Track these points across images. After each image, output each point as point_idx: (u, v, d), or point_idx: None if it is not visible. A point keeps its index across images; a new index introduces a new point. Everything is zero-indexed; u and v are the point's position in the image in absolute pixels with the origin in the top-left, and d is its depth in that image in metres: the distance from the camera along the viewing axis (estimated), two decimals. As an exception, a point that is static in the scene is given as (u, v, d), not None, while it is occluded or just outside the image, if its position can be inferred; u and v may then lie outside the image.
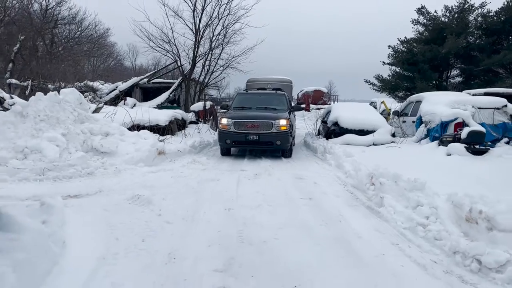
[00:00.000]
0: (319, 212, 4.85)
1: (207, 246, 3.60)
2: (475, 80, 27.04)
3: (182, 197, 5.38)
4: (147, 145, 8.18)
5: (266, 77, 17.19)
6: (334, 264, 3.30)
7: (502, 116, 10.09)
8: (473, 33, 27.66)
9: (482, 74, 27.12)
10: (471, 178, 6.13)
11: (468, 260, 3.40)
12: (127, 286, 2.77)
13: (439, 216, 4.36)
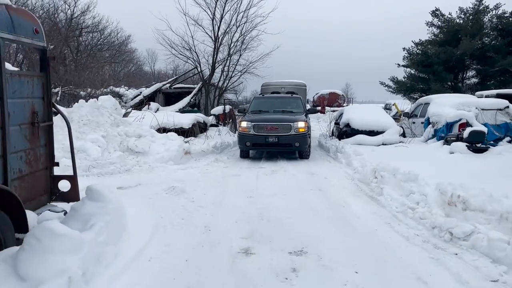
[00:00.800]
0: (326, 200, 5.79)
1: (234, 222, 4.59)
2: (491, 81, 27.37)
3: (210, 188, 6.40)
4: (175, 146, 9.26)
5: (280, 81, 17.63)
6: (334, 234, 4.25)
7: (505, 116, 10.80)
8: (488, 34, 28.00)
9: (498, 75, 27.44)
10: (465, 172, 6.95)
11: (443, 233, 4.30)
12: (177, 245, 3.78)
13: (427, 201, 5.25)
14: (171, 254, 3.55)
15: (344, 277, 3.16)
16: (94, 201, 3.40)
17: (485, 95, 18.99)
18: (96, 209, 3.29)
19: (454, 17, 28.01)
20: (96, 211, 3.27)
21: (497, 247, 3.61)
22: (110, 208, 3.40)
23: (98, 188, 3.57)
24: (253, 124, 9.91)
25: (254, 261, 3.46)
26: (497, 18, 27.52)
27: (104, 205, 3.39)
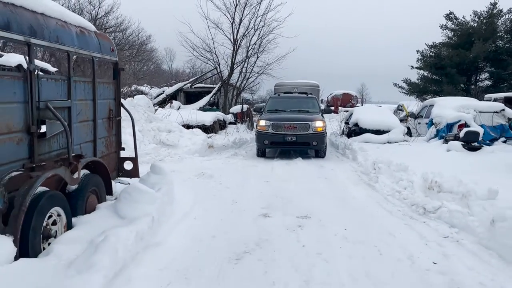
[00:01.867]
0: (330, 185, 7.08)
1: (254, 197, 5.93)
2: (504, 83, 28.10)
3: (233, 174, 7.75)
4: (200, 140, 10.67)
5: (293, 81, 18.12)
6: (333, 208, 5.54)
7: (500, 118, 11.89)
8: (502, 38, 28.71)
9: (511, 78, 28.16)
10: (455, 166, 8.14)
11: (419, 208, 5.55)
12: (213, 211, 5.13)
13: (413, 187, 6.50)
14: (209, 215, 4.90)
15: (335, 231, 4.47)
16: (156, 174, 4.79)
17: (493, 98, 19.99)
18: (158, 180, 4.66)
19: (468, 20, 28.78)
20: (159, 181, 4.65)
21: (454, 216, 4.86)
22: (167, 180, 4.78)
23: (159, 165, 4.99)
24: (271, 123, 10.26)
25: (271, 221, 4.79)
26: (511, 22, 28.22)
27: (163, 177, 4.77)
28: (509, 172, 7.75)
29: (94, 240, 2.97)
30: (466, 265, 3.60)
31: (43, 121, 3.54)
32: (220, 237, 4.11)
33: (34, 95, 3.39)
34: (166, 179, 4.76)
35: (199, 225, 4.47)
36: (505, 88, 27.76)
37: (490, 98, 20.07)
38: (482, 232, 4.25)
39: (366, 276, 3.31)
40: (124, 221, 3.69)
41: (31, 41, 3.32)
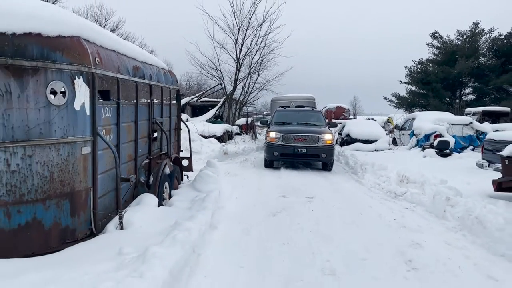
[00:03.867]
0: (327, 181, 9.54)
1: (273, 187, 8.35)
2: (486, 98, 31.09)
3: (250, 174, 10.17)
4: (217, 148, 13.09)
5: (290, 95, 19.06)
6: (330, 194, 7.99)
7: (469, 130, 14.54)
8: (484, 55, 31.81)
9: (493, 92, 31.17)
10: (425, 167, 10.65)
11: (391, 193, 8.03)
12: (247, 194, 7.53)
13: (389, 180, 8.98)
14: (245, 196, 7.31)
15: (332, 204, 6.91)
16: (211, 167, 7.21)
17: (472, 112, 22.82)
18: (210, 172, 7.07)
19: (453, 38, 31.90)
20: (209, 174, 7.05)
21: (414, 197, 7.33)
22: (217, 171, 7.21)
23: (213, 161, 7.41)
24: (282, 134, 10.78)
25: (288, 199, 7.22)
26: (492, 41, 31.35)
27: (215, 170, 7.19)
28: (468, 172, 10.32)
29: (198, 196, 5.40)
30: (414, 220, 6.05)
31: (154, 130, 5.97)
32: (258, 206, 6.54)
33: (152, 115, 5.83)
34: (217, 172, 7.19)
35: (241, 200, 6.88)
36: (487, 102, 30.76)
37: (470, 112, 22.89)
38: (428, 203, 6.73)
39: (353, 223, 5.75)
40: (201, 193, 6.09)
41: (151, 83, 5.76)
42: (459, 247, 4.65)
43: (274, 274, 3.68)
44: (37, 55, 3.36)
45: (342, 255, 4.25)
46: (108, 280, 2.66)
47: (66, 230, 3.70)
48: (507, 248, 4.31)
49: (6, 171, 3.30)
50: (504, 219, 4.70)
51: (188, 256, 3.64)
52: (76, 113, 3.72)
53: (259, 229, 5.16)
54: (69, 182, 3.69)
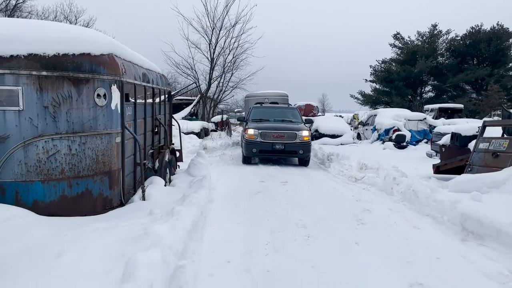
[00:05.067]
0: (298, 169, 11.10)
1: (252, 174, 9.81)
2: (444, 95, 33.71)
3: (230, 165, 11.59)
4: (197, 143, 14.41)
5: (263, 91, 19.52)
6: (301, 179, 9.53)
7: (424, 125, 16.51)
8: (442, 55, 34.42)
9: (450, 90, 33.82)
10: (385, 157, 12.41)
11: (353, 178, 9.67)
12: (230, 180, 8.96)
13: (351, 168, 10.64)
14: (230, 182, 8.71)
15: (303, 186, 8.44)
16: (200, 157, 8.58)
17: (430, 108, 25.09)
18: (201, 161, 8.44)
19: (413, 39, 34.35)
20: (201, 161, 8.42)
21: (370, 180, 8.97)
22: (205, 160, 8.59)
23: (202, 152, 8.78)
24: (260, 131, 11.14)
25: (266, 183, 8.69)
26: (449, 41, 33.96)
27: (204, 160, 8.57)
28: (419, 161, 12.15)
29: (195, 178, 6.78)
30: (368, 196, 7.65)
31: (156, 126, 7.30)
32: (242, 188, 7.98)
33: (154, 113, 7.16)
34: (205, 161, 8.58)
35: (227, 184, 8.30)
36: (446, 99, 33.36)
37: (428, 108, 25.14)
38: (380, 184, 8.36)
39: (319, 198, 7.28)
40: (195, 177, 7.47)
41: (154, 86, 7.09)
42: (398, 211, 6.27)
43: (262, 227, 5.14)
44: (88, 69, 4.67)
45: (311, 216, 5.76)
46: (155, 225, 4.03)
47: (106, 199, 5.03)
48: (431, 210, 5.95)
49: (69, 154, 4.60)
50: (430, 189, 6.36)
51: (199, 215, 5.04)
52: (112, 111, 5.04)
53: (245, 203, 6.61)
54: (108, 163, 5.01)
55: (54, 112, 4.49)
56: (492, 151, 6.61)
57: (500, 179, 5.89)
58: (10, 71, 4.26)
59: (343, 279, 3.56)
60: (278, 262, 3.95)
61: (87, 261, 3.30)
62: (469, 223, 5.02)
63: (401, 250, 4.39)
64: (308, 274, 3.67)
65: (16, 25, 4.60)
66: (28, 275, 3.08)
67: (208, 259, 3.89)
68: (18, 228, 3.93)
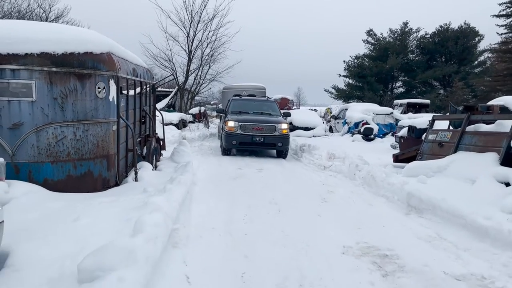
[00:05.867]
0: (273, 159, 12.07)
1: (229, 163, 10.71)
2: (413, 90, 35.35)
3: (209, 154, 12.45)
4: (177, 134, 15.17)
5: (241, 84, 19.60)
6: (275, 167, 10.49)
7: (390, 119, 17.77)
8: (412, 51, 36.03)
9: (419, 86, 35.49)
10: (351, 148, 13.50)
11: (321, 167, 10.70)
12: (209, 167, 9.83)
13: (321, 157, 11.68)
14: (210, 169, 9.58)
15: (277, 173, 9.41)
16: (182, 146, 9.40)
17: (399, 103, 26.46)
18: (184, 149, 9.26)
19: (385, 36, 35.83)
20: (184, 149, 9.24)
21: (337, 168, 10.01)
22: (188, 149, 9.43)
23: (184, 141, 9.60)
24: (240, 124, 11.38)
25: (243, 170, 9.60)
26: (419, 39, 35.57)
27: (186, 148, 9.40)
28: (383, 151, 13.28)
29: (179, 164, 7.62)
30: (334, 181, 8.67)
31: (143, 116, 8.08)
32: (221, 174, 8.86)
33: (142, 104, 7.94)
34: (187, 148, 9.42)
35: (207, 171, 9.17)
36: (415, 94, 34.98)
37: (397, 103, 26.53)
38: (346, 171, 9.40)
39: (291, 182, 8.26)
40: (179, 164, 8.30)
41: (141, 80, 7.86)
42: (358, 193, 7.31)
43: (240, 203, 6.06)
44: (91, 65, 5.45)
45: (282, 196, 6.72)
46: (153, 197, 4.87)
47: (105, 179, 5.83)
48: (385, 191, 7.00)
49: (74, 139, 5.39)
50: (386, 174, 7.43)
51: (186, 193, 5.92)
52: (110, 103, 5.83)
53: (225, 185, 7.52)
54: (106, 148, 5.81)
55: (62, 103, 5.27)
56: (439, 141, 7.72)
57: (443, 165, 6.99)
58: (25, 67, 5.01)
59: (305, 239, 4.51)
60: (254, 228, 4.88)
61: (101, 223, 4.15)
62: (413, 200, 6.09)
63: (355, 221, 5.39)
64: (277, 236, 4.61)
65: (31, 28, 5.33)
66: (54, 234, 3.89)
67: (197, 226, 4.78)
68: (35, 200, 4.72)
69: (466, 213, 5.02)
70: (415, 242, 4.58)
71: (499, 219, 4.59)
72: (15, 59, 4.97)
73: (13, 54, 4.95)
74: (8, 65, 4.96)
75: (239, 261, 3.82)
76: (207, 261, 3.77)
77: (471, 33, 33.85)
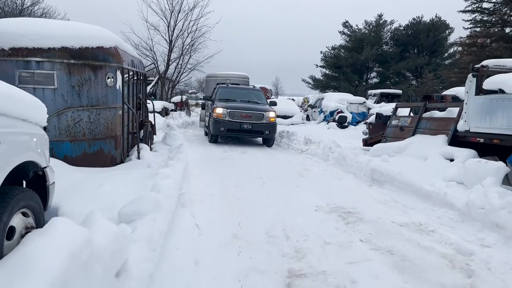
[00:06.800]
0: (254, 145, 13.18)
1: (215, 148, 11.77)
2: (388, 80, 36.96)
3: (194, 140, 13.46)
4: (161, 121, 16.08)
5: (225, 72, 19.12)
6: (257, 151, 11.61)
7: (363, 108, 19.12)
8: (387, 43, 37.56)
9: (393, 76, 37.10)
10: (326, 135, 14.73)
11: (299, 151, 11.88)
12: (197, 150, 10.86)
13: (298, 142, 12.86)
14: (198, 152, 10.60)
15: (260, 156, 10.53)
16: (173, 131, 10.39)
17: (373, 93, 27.89)
18: (175, 133, 10.25)
19: (361, 28, 37.22)
20: (175, 134, 10.23)
21: (313, 151, 11.21)
22: (178, 133, 10.42)
23: (174, 126, 10.59)
24: (228, 111, 11.64)
25: (228, 153, 10.68)
26: (393, 31, 37.10)
27: (176, 132, 10.39)
28: (355, 137, 14.56)
29: (172, 146, 8.63)
30: (309, 162, 9.85)
31: (138, 103, 9.03)
32: (209, 156, 9.91)
33: (137, 92, 8.89)
34: (177, 132, 10.42)
35: (196, 154, 10.19)
36: (389, 84, 36.58)
37: (371, 93, 27.97)
38: (320, 154, 10.60)
39: (271, 162, 9.39)
40: (170, 146, 9.29)
41: (137, 70, 8.80)
42: (330, 170, 8.51)
43: (230, 178, 7.15)
44: (102, 58, 6.40)
45: (265, 173, 7.85)
46: (160, 169, 5.89)
47: (113, 156, 6.82)
48: (353, 168, 8.21)
49: (88, 121, 6.35)
50: (354, 155, 8.65)
51: (185, 169, 6.97)
52: (116, 91, 6.79)
53: (215, 165, 8.59)
54: (114, 130, 6.78)
55: (78, 90, 6.22)
56: (400, 126, 8.98)
57: (402, 146, 8.25)
58: (48, 59, 5.94)
59: (285, 202, 5.65)
60: (244, 195, 5.99)
61: (121, 189, 5.17)
62: (376, 175, 7.31)
63: (326, 190, 6.57)
64: (263, 200, 5.74)
65: (52, 25, 6.22)
66: (86, 196, 4.90)
67: (197, 192, 5.86)
68: (62, 172, 5.67)
69: (416, 182, 6.26)
70: (374, 204, 5.79)
71: (439, 186, 5.83)
72: (40, 53, 5.88)
73: (38, 48, 5.86)
74: (34, 57, 5.87)
75: (235, 216, 4.93)
76: (210, 216, 4.86)
77: (442, 26, 35.59)
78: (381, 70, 37.32)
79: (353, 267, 3.57)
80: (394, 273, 3.49)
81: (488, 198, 4.65)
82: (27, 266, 1.83)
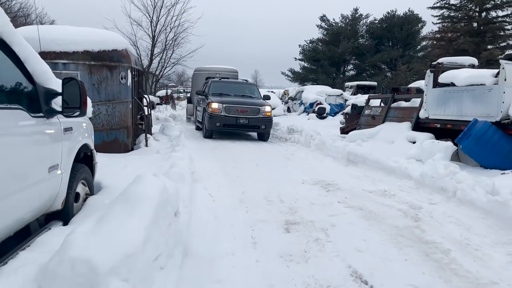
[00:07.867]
0: (243, 135, 14.44)
1: (207, 139, 12.97)
2: (364, 73, 38.65)
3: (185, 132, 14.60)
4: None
5: (214, 66, 18.90)
6: (245, 140, 12.87)
7: (341, 99, 20.60)
8: (363, 36, 39.20)
9: (369, 69, 38.80)
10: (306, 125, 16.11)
11: (283, 139, 13.21)
12: (192, 141, 12.04)
13: (282, 131, 14.20)
14: (192, 142, 11.79)
15: (248, 144, 11.80)
16: (170, 122, 11.52)
17: (350, 85, 29.45)
18: (172, 125, 11.39)
19: (338, 21, 38.75)
20: (172, 125, 11.37)
21: (296, 139, 12.55)
22: (174, 126, 11.56)
23: (169, 119, 11.74)
24: (224, 106, 11.66)
25: (222, 142, 11.90)
26: (369, 24, 38.75)
27: (173, 125, 11.53)
28: (333, 127, 15.96)
29: (172, 137, 9.80)
30: (293, 149, 11.17)
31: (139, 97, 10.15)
32: (204, 145, 11.12)
33: (138, 87, 10.01)
34: (174, 126, 11.58)
35: (190, 144, 11.36)
36: (365, 77, 38.27)
37: (348, 85, 29.53)
38: (303, 141, 11.94)
39: (259, 149, 10.67)
40: (169, 136, 10.45)
41: (138, 68, 9.91)
42: (312, 154, 9.86)
43: (227, 162, 8.41)
44: (116, 59, 7.53)
45: (257, 157, 9.14)
46: (172, 152, 7.08)
47: (126, 144, 7.97)
48: (332, 152, 9.58)
49: (106, 114, 7.49)
50: (332, 141, 10.02)
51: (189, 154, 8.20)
52: (128, 87, 7.94)
53: (210, 153, 9.82)
54: (126, 121, 7.94)
55: (98, 88, 7.35)
56: (372, 115, 10.39)
57: (374, 132, 9.66)
58: (72, 61, 7.05)
59: (277, 178, 6.95)
60: (242, 174, 7.27)
61: (143, 168, 6.36)
62: (351, 156, 8.69)
63: (310, 169, 7.91)
64: (259, 177, 7.02)
65: (75, 32, 7.31)
66: (116, 174, 6.06)
67: (204, 172, 7.09)
68: (89, 157, 6.83)
69: (383, 161, 7.66)
70: (349, 178, 7.15)
71: (402, 162, 7.24)
72: (66, 56, 6.99)
73: (64, 52, 6.96)
74: (61, 60, 6.97)
75: (238, 188, 6.20)
76: (219, 188, 6.11)
77: (415, 20, 37.45)
78: (357, 62, 38.99)
79: (333, 218, 4.89)
80: (363, 221, 4.83)
81: (436, 168, 6.05)
82: (138, 200, 3.02)
